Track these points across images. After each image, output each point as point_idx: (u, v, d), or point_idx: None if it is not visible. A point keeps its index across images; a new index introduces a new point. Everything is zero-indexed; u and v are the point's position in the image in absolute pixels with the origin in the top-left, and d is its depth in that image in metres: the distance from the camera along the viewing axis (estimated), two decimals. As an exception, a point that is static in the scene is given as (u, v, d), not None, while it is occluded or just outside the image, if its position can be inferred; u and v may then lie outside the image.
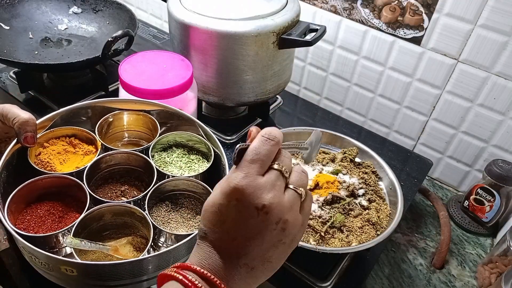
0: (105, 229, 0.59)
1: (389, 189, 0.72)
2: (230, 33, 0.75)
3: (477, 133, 0.88)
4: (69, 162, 0.64)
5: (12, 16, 1.01)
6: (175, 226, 0.60)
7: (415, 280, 0.76)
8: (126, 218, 0.59)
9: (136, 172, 0.66)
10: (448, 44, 0.83)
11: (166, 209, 0.62)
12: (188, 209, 0.62)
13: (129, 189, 0.64)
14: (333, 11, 0.94)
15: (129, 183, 0.65)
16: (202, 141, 0.68)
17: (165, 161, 0.66)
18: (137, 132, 0.73)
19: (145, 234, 0.59)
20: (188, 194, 0.64)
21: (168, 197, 0.63)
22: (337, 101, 1.07)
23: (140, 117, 0.71)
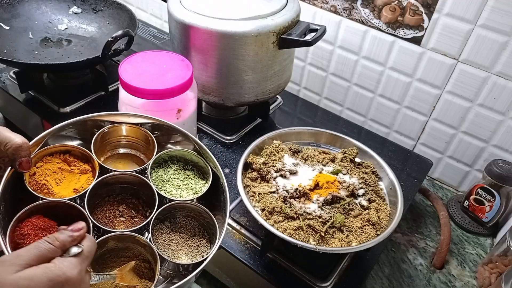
0: (107, 253, 0.59)
1: (389, 189, 0.72)
2: (230, 33, 0.75)
3: (477, 133, 0.88)
4: (65, 182, 0.61)
5: (12, 16, 1.01)
6: (175, 248, 0.60)
7: (415, 280, 0.76)
8: (129, 243, 0.59)
9: (132, 189, 0.65)
10: (448, 44, 0.83)
11: (166, 231, 0.61)
12: (186, 229, 0.62)
13: (127, 209, 0.63)
14: (333, 11, 0.94)
15: (126, 202, 0.64)
16: (198, 159, 0.67)
17: (163, 179, 0.65)
18: (132, 143, 0.71)
19: (147, 258, 0.58)
20: (186, 214, 0.64)
21: (167, 216, 0.63)
22: (337, 101, 1.07)
23: (138, 131, 0.69)
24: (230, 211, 0.73)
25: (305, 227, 0.62)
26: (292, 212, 0.64)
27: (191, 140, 0.66)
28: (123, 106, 0.73)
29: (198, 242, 0.61)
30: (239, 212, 0.73)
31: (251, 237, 0.70)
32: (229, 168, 0.82)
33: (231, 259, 0.68)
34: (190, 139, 0.66)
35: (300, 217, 0.64)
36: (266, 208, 0.65)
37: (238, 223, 0.71)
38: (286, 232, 0.61)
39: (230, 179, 0.79)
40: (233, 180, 0.79)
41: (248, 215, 0.72)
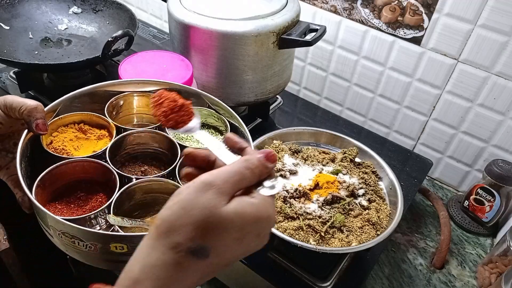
0: (136, 209, 0.58)
1: (389, 189, 0.72)
2: (230, 33, 0.75)
3: (477, 133, 0.88)
4: (84, 148, 0.62)
5: (12, 16, 1.01)
6: None
7: (415, 280, 0.76)
8: (157, 194, 0.58)
9: (152, 153, 0.65)
10: (448, 44, 0.83)
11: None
12: None
13: (149, 168, 0.63)
14: (333, 11, 0.94)
15: (147, 164, 0.64)
16: (212, 114, 0.67)
17: (180, 138, 0.65)
18: (145, 115, 0.71)
19: None
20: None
21: None
22: (337, 101, 1.07)
23: (147, 99, 0.68)
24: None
25: (305, 227, 0.62)
26: (292, 212, 0.64)
27: (202, 97, 0.67)
28: (123, 106, 0.73)
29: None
30: (239, 212, 0.73)
31: (251, 237, 0.69)
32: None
33: (231, 259, 0.68)
34: (202, 96, 0.67)
35: (300, 217, 0.64)
36: (266, 208, 0.64)
37: (238, 223, 0.71)
38: (286, 232, 0.61)
39: (230, 179, 0.79)
40: (233, 180, 0.78)
41: (248, 215, 0.71)
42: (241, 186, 0.37)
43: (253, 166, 0.38)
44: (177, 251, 0.33)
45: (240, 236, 0.35)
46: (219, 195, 0.35)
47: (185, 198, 0.34)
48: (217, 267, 0.35)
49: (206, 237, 0.34)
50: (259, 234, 0.37)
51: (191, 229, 0.33)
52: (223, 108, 0.66)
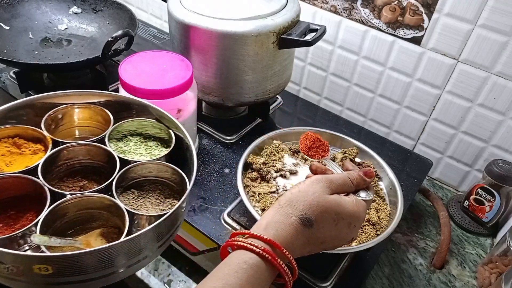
0: (70, 227, 0.55)
1: (389, 189, 0.72)
2: (230, 33, 0.75)
3: (477, 133, 0.88)
4: (17, 163, 0.58)
5: (12, 16, 1.01)
6: (146, 212, 0.57)
7: (415, 280, 0.76)
8: (92, 210, 0.55)
9: (93, 167, 0.61)
10: (448, 44, 0.83)
11: (133, 196, 0.58)
12: (156, 194, 0.59)
13: (88, 183, 0.60)
14: (333, 11, 0.94)
15: (87, 178, 0.60)
16: (159, 127, 0.64)
17: (123, 150, 0.62)
18: (89, 127, 0.67)
19: (116, 223, 0.55)
20: (154, 180, 0.61)
21: (132, 186, 0.60)
22: (337, 101, 1.07)
23: (89, 111, 0.65)
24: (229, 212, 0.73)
25: (305, 227, 0.62)
26: (292, 212, 0.64)
27: (150, 109, 0.65)
28: (123, 106, 0.73)
29: (170, 204, 0.58)
30: (239, 212, 0.73)
31: (251, 237, 0.69)
32: (229, 168, 0.82)
33: (231, 259, 0.68)
34: (149, 108, 0.64)
35: (300, 217, 0.64)
36: (266, 208, 0.65)
37: (238, 223, 0.71)
38: (286, 232, 0.61)
39: (230, 179, 0.79)
40: (233, 180, 0.79)
41: (248, 215, 0.72)
42: (343, 189, 0.52)
43: (353, 177, 0.53)
44: (292, 216, 0.47)
45: (335, 218, 0.49)
46: (325, 188, 0.50)
47: (302, 186, 0.50)
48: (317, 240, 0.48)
49: (311, 211, 0.47)
50: (350, 224, 0.50)
51: (302, 205, 0.48)
52: (168, 120, 0.63)
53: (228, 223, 0.71)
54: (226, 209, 0.73)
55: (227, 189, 0.77)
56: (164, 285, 0.73)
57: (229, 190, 0.77)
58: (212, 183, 0.78)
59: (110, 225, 0.56)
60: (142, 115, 0.67)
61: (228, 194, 0.76)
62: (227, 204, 0.74)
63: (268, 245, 0.45)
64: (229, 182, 0.78)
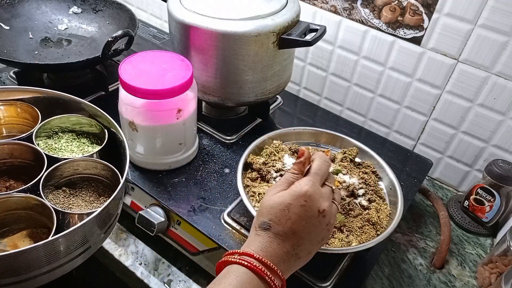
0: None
1: (389, 189, 0.72)
2: (230, 33, 0.75)
3: (477, 133, 0.88)
4: None
5: (12, 16, 1.01)
6: (78, 210, 0.55)
7: (415, 280, 0.76)
8: (19, 211, 0.53)
9: (22, 167, 0.60)
10: (448, 44, 0.83)
11: (64, 195, 0.57)
12: (89, 191, 0.58)
13: (15, 184, 0.58)
14: (333, 11, 0.94)
15: (14, 178, 0.59)
16: (90, 122, 0.63)
17: (53, 148, 0.61)
18: (17, 125, 0.65)
19: (45, 223, 0.53)
20: (87, 177, 0.59)
21: (64, 184, 0.59)
22: (337, 101, 1.07)
23: (16, 108, 0.63)
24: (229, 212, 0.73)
25: (305, 227, 0.62)
26: (292, 212, 0.64)
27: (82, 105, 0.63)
28: (123, 106, 0.73)
29: (104, 201, 0.57)
30: (239, 212, 0.73)
31: (251, 237, 0.69)
32: (229, 168, 0.82)
33: (231, 259, 0.68)
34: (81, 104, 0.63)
35: (300, 217, 0.64)
36: (266, 208, 0.64)
37: (238, 223, 0.71)
38: (286, 232, 0.61)
39: (230, 179, 0.79)
40: (233, 180, 0.79)
41: (248, 215, 0.72)
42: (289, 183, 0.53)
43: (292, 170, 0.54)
44: (256, 229, 0.50)
45: (284, 207, 0.49)
46: (272, 190, 0.53)
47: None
48: (288, 237, 0.49)
49: (263, 214, 0.50)
50: (303, 205, 0.50)
51: (258, 215, 0.51)
52: (101, 117, 0.62)
53: (228, 223, 0.71)
54: (226, 209, 0.73)
55: (227, 189, 0.77)
56: (164, 285, 0.73)
57: (229, 190, 0.77)
58: (212, 183, 0.78)
59: (39, 225, 0.54)
60: (76, 111, 0.65)
61: (228, 194, 0.76)
62: (227, 204, 0.74)
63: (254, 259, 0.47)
64: (229, 182, 0.78)
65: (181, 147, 0.78)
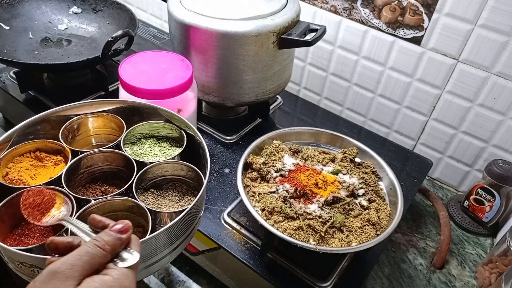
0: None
1: (389, 189, 0.72)
2: (230, 33, 0.75)
3: (477, 133, 0.88)
4: (41, 175, 0.61)
5: (12, 16, 1.01)
6: (166, 209, 0.60)
7: (415, 280, 0.76)
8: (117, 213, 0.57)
9: (112, 172, 0.65)
10: (448, 44, 0.83)
11: (153, 196, 0.62)
12: (174, 191, 0.63)
13: (109, 188, 0.63)
14: (333, 11, 0.94)
15: (108, 183, 0.64)
16: (170, 127, 0.68)
17: (138, 153, 0.66)
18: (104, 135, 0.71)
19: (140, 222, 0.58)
20: (171, 179, 0.64)
21: (151, 186, 0.63)
22: (337, 101, 1.07)
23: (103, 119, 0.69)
24: (229, 212, 0.73)
25: (305, 227, 0.62)
26: (292, 212, 0.64)
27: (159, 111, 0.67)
28: (123, 106, 0.73)
29: (189, 200, 0.61)
30: (239, 212, 0.73)
31: (251, 237, 0.70)
32: (229, 168, 0.82)
33: (231, 259, 0.68)
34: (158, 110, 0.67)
35: (300, 217, 0.64)
36: (266, 208, 0.64)
37: (238, 223, 0.71)
38: (286, 232, 0.61)
39: (230, 179, 0.79)
40: (233, 180, 0.79)
41: (248, 215, 0.72)
42: (93, 265, 0.37)
43: (102, 243, 0.38)
44: None
45: None
46: (64, 281, 0.35)
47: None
48: None
49: None
50: None
51: None
52: (178, 120, 0.66)
53: (228, 223, 0.71)
54: (226, 209, 0.73)
55: (227, 189, 0.77)
56: (164, 285, 0.73)
57: (229, 190, 0.77)
58: (212, 183, 0.78)
59: (135, 224, 0.58)
60: (152, 117, 0.70)
61: (228, 194, 0.76)
62: (227, 204, 0.74)
63: None
64: (229, 182, 0.78)
65: (181, 147, 0.78)
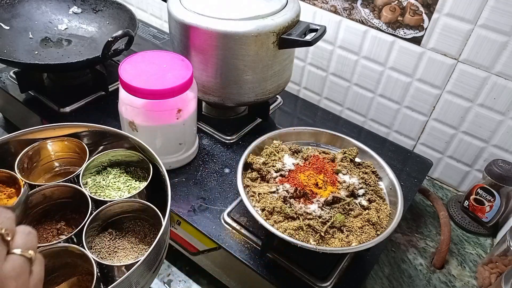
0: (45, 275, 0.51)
1: (389, 189, 0.72)
2: (230, 33, 0.75)
3: (477, 133, 0.88)
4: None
5: (12, 16, 1.01)
6: (123, 254, 0.55)
7: (415, 280, 0.76)
8: (66, 258, 0.53)
9: (72, 204, 0.59)
10: (448, 44, 0.83)
11: (110, 237, 0.57)
12: (135, 232, 0.58)
13: (66, 225, 0.58)
14: (333, 11, 0.94)
15: (65, 218, 0.59)
16: (138, 156, 0.63)
17: (101, 186, 0.61)
18: (67, 159, 0.66)
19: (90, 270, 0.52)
20: (133, 216, 0.59)
21: (112, 223, 0.58)
22: (337, 101, 1.07)
23: (66, 144, 0.64)
24: (229, 212, 0.73)
25: (305, 227, 0.62)
26: (292, 212, 0.64)
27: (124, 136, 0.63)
28: (123, 106, 0.73)
29: (151, 240, 0.56)
30: (239, 212, 0.73)
31: (251, 237, 0.70)
32: (229, 168, 0.82)
33: (231, 259, 0.68)
34: (123, 135, 0.63)
35: (300, 217, 0.64)
36: (266, 208, 0.64)
37: (238, 223, 0.71)
38: (286, 232, 0.61)
39: (230, 179, 0.79)
40: (233, 180, 0.79)
41: (248, 215, 0.72)
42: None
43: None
44: None
45: None
46: None
47: None
48: None
49: None
50: None
51: None
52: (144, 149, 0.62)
53: (228, 223, 0.71)
54: (226, 209, 0.73)
55: (227, 189, 0.77)
56: (164, 285, 0.73)
57: (229, 190, 0.77)
58: (212, 183, 0.78)
59: (85, 272, 0.54)
60: (121, 142, 0.65)
61: (228, 194, 0.76)
62: (227, 204, 0.74)
63: None
64: (229, 182, 0.78)
65: (181, 147, 0.78)
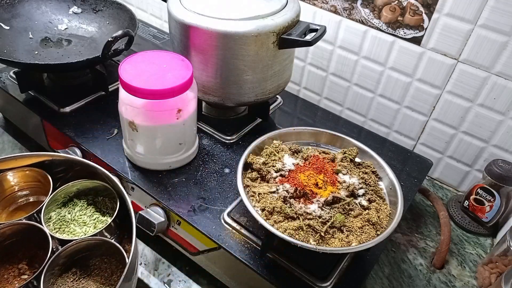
0: None
1: (389, 189, 0.72)
2: (230, 33, 0.75)
3: (477, 133, 0.88)
4: None
5: (12, 16, 1.01)
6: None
7: (415, 280, 0.76)
8: None
9: (35, 240, 0.56)
10: (448, 44, 0.83)
11: (74, 278, 0.54)
12: (101, 270, 0.55)
13: (27, 264, 0.55)
14: (333, 11, 0.94)
15: (29, 255, 0.56)
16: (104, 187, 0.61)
17: (66, 220, 0.59)
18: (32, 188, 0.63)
19: None
20: (99, 253, 0.57)
21: (77, 261, 0.56)
22: (337, 101, 1.07)
23: (27, 173, 0.61)
24: (229, 212, 0.73)
25: (305, 227, 0.62)
26: (292, 212, 0.64)
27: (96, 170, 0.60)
28: (123, 106, 0.73)
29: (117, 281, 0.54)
30: (239, 212, 0.73)
31: (251, 237, 0.70)
32: (229, 168, 0.82)
33: (231, 259, 0.68)
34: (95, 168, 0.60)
35: (300, 217, 0.64)
36: (266, 208, 0.64)
37: (238, 223, 0.71)
38: (286, 232, 0.61)
39: (230, 179, 0.79)
40: (233, 180, 0.79)
41: (248, 215, 0.72)
42: None
43: None
44: None
45: None
46: None
47: None
48: None
49: None
50: None
51: None
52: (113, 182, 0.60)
53: (228, 223, 0.71)
54: (226, 209, 0.73)
55: (227, 189, 0.77)
56: (164, 285, 0.73)
57: (229, 190, 0.77)
58: (212, 183, 0.78)
59: None
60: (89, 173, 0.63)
61: (228, 194, 0.76)
62: (227, 204, 0.74)
63: None
64: (229, 182, 0.78)
65: (181, 147, 0.78)
